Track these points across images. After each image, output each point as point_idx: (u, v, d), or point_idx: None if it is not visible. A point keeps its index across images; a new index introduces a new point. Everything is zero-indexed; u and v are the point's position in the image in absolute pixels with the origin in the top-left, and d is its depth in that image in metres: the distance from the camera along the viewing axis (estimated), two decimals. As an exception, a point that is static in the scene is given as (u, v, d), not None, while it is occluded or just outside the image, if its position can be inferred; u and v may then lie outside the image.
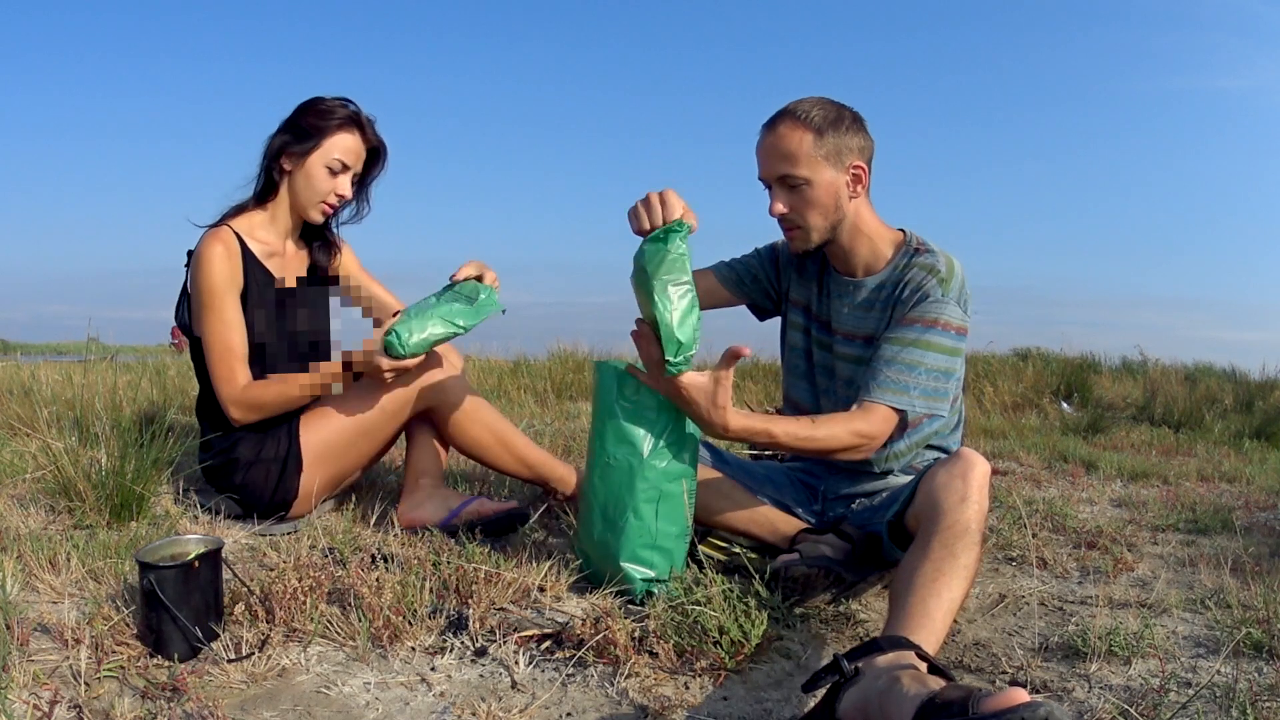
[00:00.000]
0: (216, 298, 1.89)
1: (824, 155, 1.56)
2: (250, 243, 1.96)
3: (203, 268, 1.89)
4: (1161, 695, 1.20)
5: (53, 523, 1.88)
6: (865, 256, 1.68)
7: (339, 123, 1.96)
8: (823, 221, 1.62)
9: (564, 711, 1.16)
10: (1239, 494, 2.82)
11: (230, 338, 1.89)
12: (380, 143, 2.06)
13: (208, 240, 1.91)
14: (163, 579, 1.23)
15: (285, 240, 2.05)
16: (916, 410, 1.57)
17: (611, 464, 1.52)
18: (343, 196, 2.01)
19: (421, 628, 1.36)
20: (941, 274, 1.60)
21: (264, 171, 2.00)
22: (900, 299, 1.61)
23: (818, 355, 1.78)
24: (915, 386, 1.56)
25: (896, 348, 1.58)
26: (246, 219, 1.99)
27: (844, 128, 1.58)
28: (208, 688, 1.16)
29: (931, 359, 1.57)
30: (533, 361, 5.86)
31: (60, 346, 15.54)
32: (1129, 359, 7.46)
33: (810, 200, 1.59)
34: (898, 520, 1.49)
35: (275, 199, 2.01)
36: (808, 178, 1.57)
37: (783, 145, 1.57)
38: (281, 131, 1.98)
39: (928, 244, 1.66)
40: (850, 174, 1.59)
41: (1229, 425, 4.51)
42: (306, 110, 1.98)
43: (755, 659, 1.32)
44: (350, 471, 2.07)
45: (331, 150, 1.96)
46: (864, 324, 1.68)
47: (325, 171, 1.97)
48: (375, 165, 2.08)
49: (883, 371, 1.57)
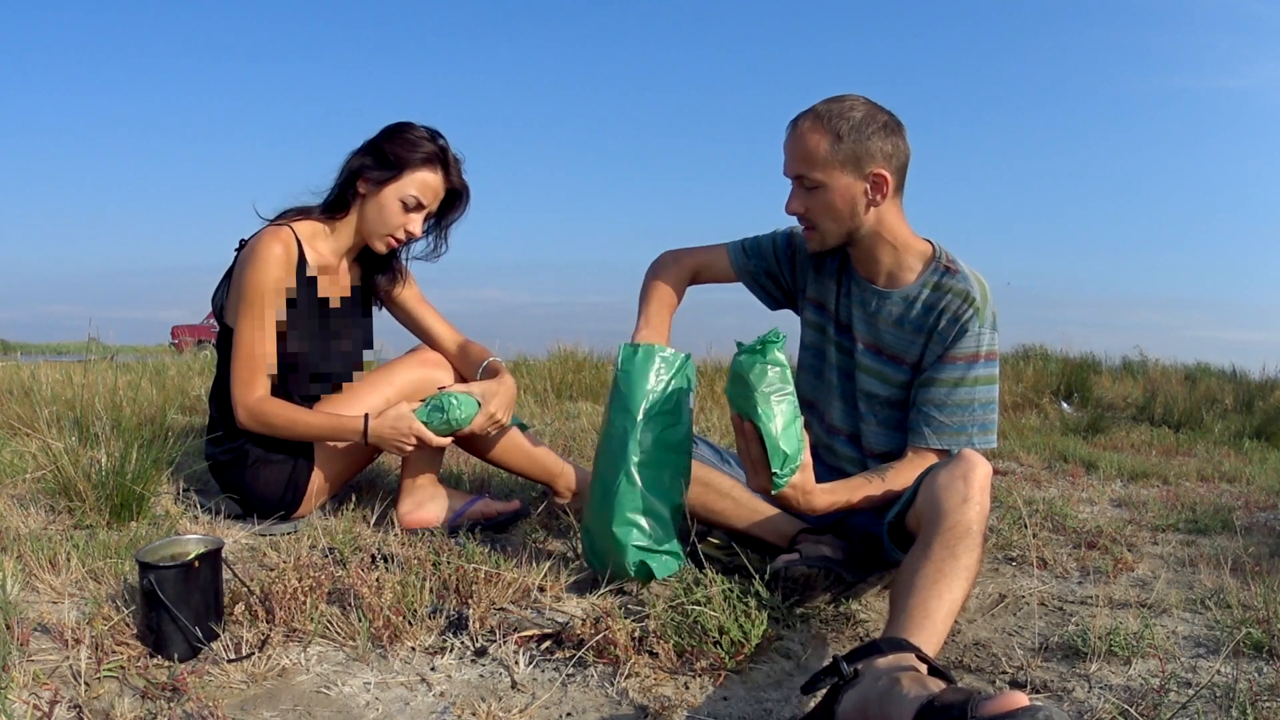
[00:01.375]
0: (261, 300, 1.84)
1: (841, 161, 1.54)
2: (307, 251, 1.91)
3: (257, 265, 1.83)
4: (1161, 695, 1.20)
5: (53, 523, 1.88)
6: (889, 265, 1.66)
7: (423, 158, 1.89)
8: (835, 226, 1.61)
9: (564, 711, 1.16)
10: (1239, 494, 2.82)
11: (261, 345, 1.85)
12: (463, 185, 1.98)
13: (268, 238, 1.85)
14: (163, 579, 1.23)
15: (340, 258, 2.00)
16: (976, 447, 1.58)
17: (611, 431, 1.56)
18: (411, 234, 1.93)
19: (421, 628, 1.36)
20: (976, 302, 1.59)
21: (339, 187, 1.93)
22: (937, 330, 1.61)
23: (834, 356, 1.77)
24: (972, 424, 1.60)
25: (945, 390, 1.60)
26: (309, 226, 1.94)
27: (870, 132, 1.54)
28: (208, 688, 1.16)
29: (980, 393, 1.60)
30: (533, 361, 5.86)
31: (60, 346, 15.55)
32: (1129, 359, 7.47)
33: (824, 204, 1.58)
34: (898, 521, 1.49)
35: (344, 217, 1.94)
36: (822, 181, 1.56)
37: (801, 145, 1.57)
38: (364, 152, 1.92)
39: (956, 262, 1.64)
40: (870, 181, 1.56)
41: (1229, 425, 4.51)
42: (393, 136, 1.90)
43: (755, 659, 1.32)
44: (353, 472, 2.07)
45: (409, 186, 1.89)
46: (895, 344, 1.67)
47: (399, 205, 1.89)
48: (455, 207, 2.01)
49: (935, 417, 1.61)
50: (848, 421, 1.77)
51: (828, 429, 1.81)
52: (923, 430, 1.62)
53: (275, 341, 1.88)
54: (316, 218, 1.95)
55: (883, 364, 1.68)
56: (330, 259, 1.97)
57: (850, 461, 1.78)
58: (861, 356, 1.71)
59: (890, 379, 1.68)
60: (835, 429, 1.79)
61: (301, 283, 1.90)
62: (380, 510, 2.07)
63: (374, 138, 1.93)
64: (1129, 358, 7.48)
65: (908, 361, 1.66)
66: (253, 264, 1.83)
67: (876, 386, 1.70)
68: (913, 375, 1.66)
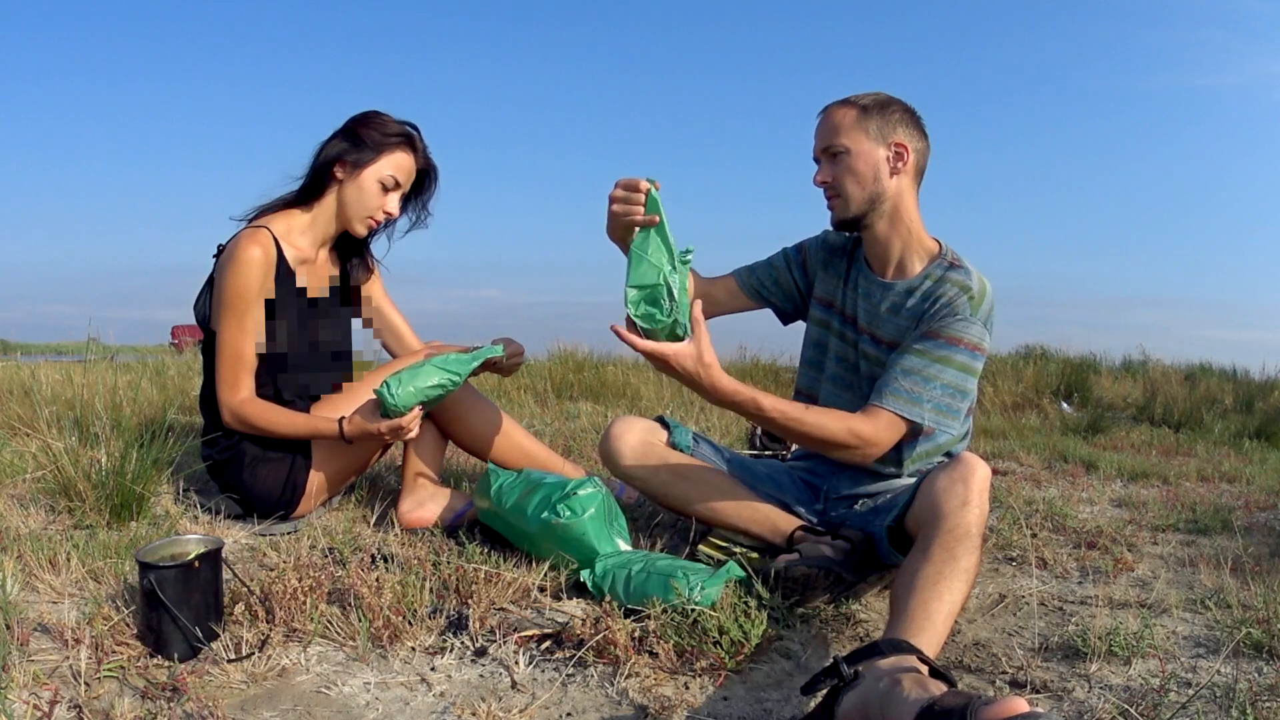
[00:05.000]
0: (242, 303, 1.86)
1: (865, 129, 1.62)
2: (285, 248, 1.93)
3: (236, 270, 1.85)
4: (1161, 695, 1.20)
5: (53, 523, 1.88)
6: (898, 254, 1.69)
7: (398, 140, 1.96)
8: (860, 191, 1.64)
9: (564, 711, 1.16)
10: (1239, 494, 2.82)
11: (244, 346, 1.88)
12: (432, 165, 2.06)
13: (245, 241, 1.86)
14: (163, 579, 1.23)
15: (319, 248, 2.02)
16: (925, 423, 1.59)
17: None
18: (390, 214, 2.00)
19: (421, 628, 1.36)
20: (973, 293, 1.61)
21: (314, 174, 1.97)
22: (929, 312, 1.62)
23: (838, 346, 1.80)
24: (928, 400, 1.58)
25: (916, 359, 1.60)
26: (285, 219, 1.96)
27: (892, 113, 1.63)
28: (208, 688, 1.16)
29: (949, 375, 1.59)
30: (533, 361, 5.85)
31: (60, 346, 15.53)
32: (1129, 359, 7.47)
33: (849, 168, 1.63)
34: (897, 524, 1.50)
35: (320, 204, 1.98)
36: (848, 146, 1.62)
37: (830, 120, 1.65)
38: (339, 138, 1.96)
39: (962, 260, 1.66)
40: (893, 150, 1.63)
41: (1229, 425, 4.51)
42: (367, 122, 1.96)
43: (755, 659, 1.32)
44: (353, 470, 2.07)
45: (386, 167, 1.95)
46: (890, 330, 1.69)
47: (378, 186, 1.95)
48: (426, 185, 2.08)
49: (898, 380, 1.60)
50: (850, 410, 1.77)
51: None
52: (880, 390, 1.61)
53: (258, 341, 1.90)
54: (294, 208, 1.98)
55: (883, 352, 1.70)
56: (308, 250, 2.00)
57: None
58: (866, 346, 1.73)
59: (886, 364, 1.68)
60: None
61: (281, 281, 1.92)
62: (380, 510, 2.07)
63: (346, 124, 1.98)
64: (1129, 358, 7.49)
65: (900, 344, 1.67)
66: (232, 268, 1.86)
67: (878, 373, 1.70)
68: None
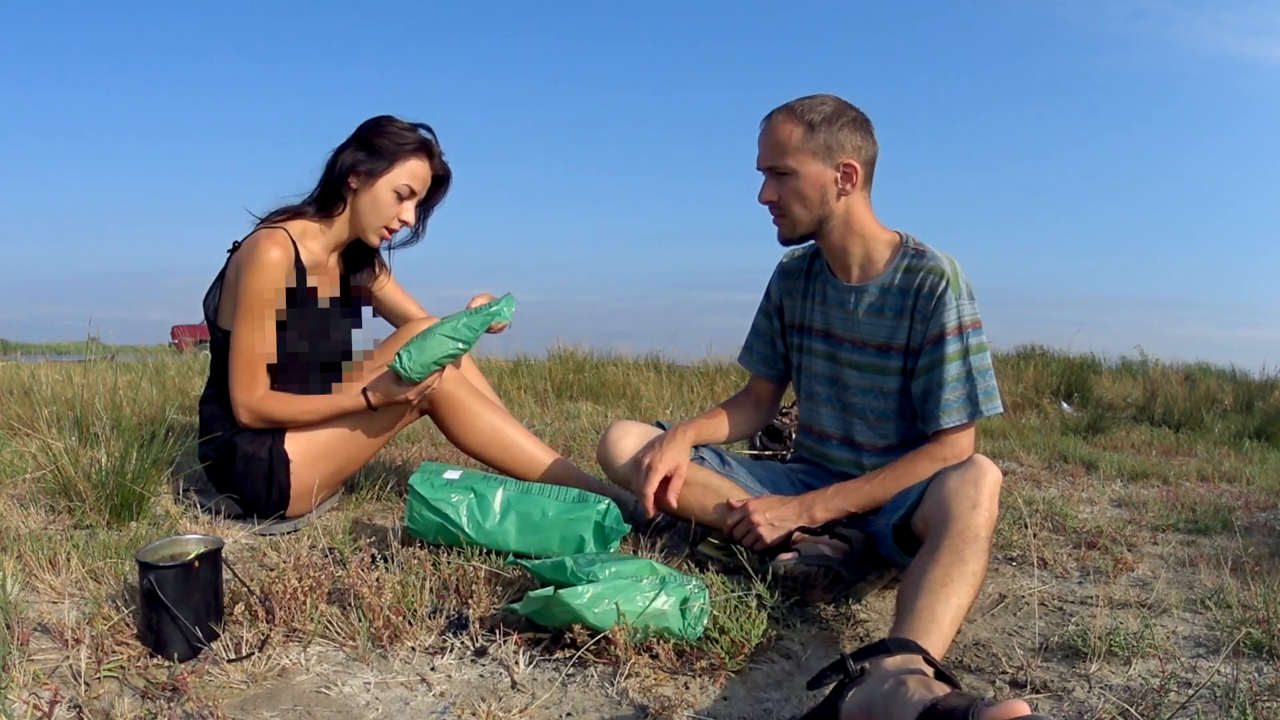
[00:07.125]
0: (261, 304, 1.85)
1: (813, 150, 1.60)
2: (301, 251, 1.92)
3: (256, 271, 1.84)
4: (1161, 695, 1.20)
5: (53, 523, 1.88)
6: (860, 256, 1.69)
7: (412, 148, 1.93)
8: (805, 214, 1.64)
9: (564, 711, 1.16)
10: (1239, 494, 2.82)
11: (260, 346, 1.87)
12: (447, 171, 2.03)
13: (266, 242, 1.85)
14: (163, 579, 1.23)
15: (330, 254, 2.02)
16: (984, 415, 1.63)
17: None
18: (405, 223, 1.98)
19: (421, 628, 1.36)
20: (948, 274, 1.62)
21: (329, 184, 1.95)
22: (916, 308, 1.63)
23: (818, 365, 1.80)
24: (976, 393, 1.62)
25: (941, 369, 1.62)
26: (302, 225, 1.95)
27: (839, 125, 1.60)
28: (208, 688, 1.16)
29: (975, 361, 1.62)
30: (533, 361, 5.85)
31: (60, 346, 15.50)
32: (1129, 359, 7.46)
33: (795, 190, 1.62)
34: (904, 524, 1.50)
35: (335, 213, 1.96)
36: (794, 168, 1.61)
37: (774, 136, 1.62)
38: (352, 147, 1.94)
39: (924, 245, 1.67)
40: (840, 171, 1.61)
41: (1229, 425, 4.51)
42: (380, 130, 1.93)
43: (755, 659, 1.32)
44: (349, 468, 2.06)
45: (401, 176, 1.93)
46: (875, 332, 1.69)
47: (393, 196, 1.93)
48: (439, 192, 2.06)
49: (941, 396, 1.62)
50: (838, 425, 1.79)
51: (819, 438, 1.83)
52: (933, 415, 1.64)
53: (274, 342, 1.89)
54: (310, 217, 1.97)
55: (872, 356, 1.70)
56: (321, 256, 1.99)
57: (848, 464, 1.78)
58: (849, 354, 1.73)
59: (883, 368, 1.69)
60: (827, 435, 1.81)
61: (300, 283, 1.91)
62: (380, 510, 2.07)
63: (358, 132, 1.96)
64: (1129, 358, 7.48)
65: (895, 347, 1.67)
66: (252, 269, 1.84)
67: (868, 380, 1.71)
68: (905, 360, 1.68)
